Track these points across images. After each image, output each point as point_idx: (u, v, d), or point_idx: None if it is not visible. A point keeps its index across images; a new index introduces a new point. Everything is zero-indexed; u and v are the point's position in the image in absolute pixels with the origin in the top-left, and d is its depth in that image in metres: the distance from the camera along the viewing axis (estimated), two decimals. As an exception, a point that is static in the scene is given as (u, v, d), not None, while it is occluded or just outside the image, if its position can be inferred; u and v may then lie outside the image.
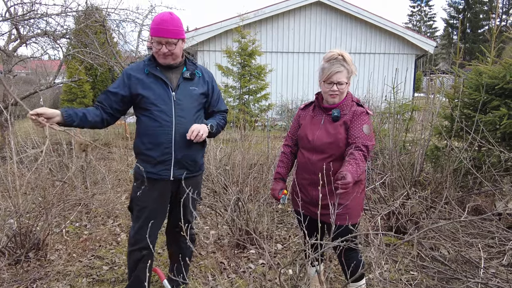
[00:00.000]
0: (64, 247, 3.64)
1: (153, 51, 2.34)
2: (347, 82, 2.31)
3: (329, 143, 2.29)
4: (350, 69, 2.32)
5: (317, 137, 2.34)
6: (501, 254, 3.29)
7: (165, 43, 2.26)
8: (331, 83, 2.30)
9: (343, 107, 2.34)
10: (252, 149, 5.66)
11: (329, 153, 2.30)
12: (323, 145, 2.31)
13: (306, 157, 2.39)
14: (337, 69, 2.27)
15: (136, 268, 2.52)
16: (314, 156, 2.34)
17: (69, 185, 4.31)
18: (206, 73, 2.57)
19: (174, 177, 2.42)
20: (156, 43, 2.27)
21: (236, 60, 9.65)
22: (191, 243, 2.61)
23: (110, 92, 2.37)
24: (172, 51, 2.30)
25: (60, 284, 3.04)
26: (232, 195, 3.57)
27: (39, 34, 7.51)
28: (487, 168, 3.63)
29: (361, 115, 2.29)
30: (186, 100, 2.40)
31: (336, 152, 2.29)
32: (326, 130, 2.33)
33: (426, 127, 4.40)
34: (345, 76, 2.29)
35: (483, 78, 3.99)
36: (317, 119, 2.41)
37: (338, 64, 2.28)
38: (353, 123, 2.28)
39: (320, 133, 2.34)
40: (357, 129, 2.25)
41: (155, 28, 2.24)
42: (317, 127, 2.38)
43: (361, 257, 2.33)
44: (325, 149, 2.31)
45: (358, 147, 2.19)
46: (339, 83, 2.28)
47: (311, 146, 2.36)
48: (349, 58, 2.32)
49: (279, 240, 3.80)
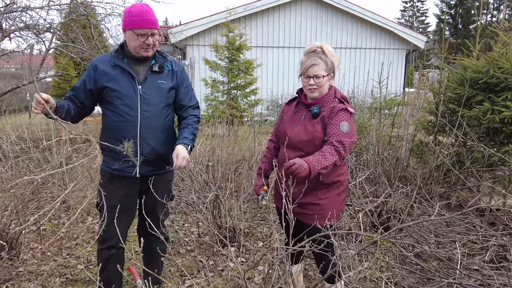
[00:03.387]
0: (39, 245, 3.55)
1: (134, 44, 2.22)
2: (326, 75, 2.20)
3: (306, 140, 2.21)
4: (330, 62, 2.21)
5: (295, 134, 2.26)
6: (484, 250, 3.25)
7: (151, 35, 2.19)
8: (307, 77, 2.21)
9: (324, 103, 2.24)
10: (237, 144, 5.58)
11: (306, 151, 2.20)
12: (299, 143, 2.24)
13: (284, 154, 2.30)
14: (313, 61, 2.18)
15: (106, 268, 2.44)
16: (291, 153, 2.25)
17: (46, 182, 4.21)
18: (176, 66, 2.47)
19: (140, 174, 2.33)
20: (140, 36, 2.18)
21: (224, 54, 9.53)
22: (164, 242, 2.54)
23: (78, 87, 2.27)
24: (155, 42, 2.24)
25: (31, 284, 2.95)
26: (212, 192, 3.49)
27: (21, 28, 7.34)
28: (470, 163, 3.59)
29: (340, 112, 2.16)
30: (153, 94, 2.29)
31: (312, 150, 2.17)
32: (305, 127, 2.25)
33: (410, 122, 4.35)
34: (323, 69, 2.18)
35: (467, 73, 3.94)
36: (298, 115, 2.34)
37: (315, 57, 2.19)
38: (330, 120, 2.17)
39: (298, 130, 2.27)
40: (334, 127, 2.14)
41: (138, 19, 2.15)
42: (296, 123, 2.31)
43: (331, 259, 2.23)
44: (302, 147, 2.23)
45: (331, 142, 2.09)
46: (315, 76, 2.18)
47: (289, 142, 2.28)
48: (329, 50, 2.22)
49: (261, 237, 3.74)
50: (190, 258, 3.35)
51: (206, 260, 3.29)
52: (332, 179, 2.25)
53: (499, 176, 3.69)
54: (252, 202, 4.55)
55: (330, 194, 2.26)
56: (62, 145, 5.01)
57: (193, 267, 3.21)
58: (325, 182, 2.24)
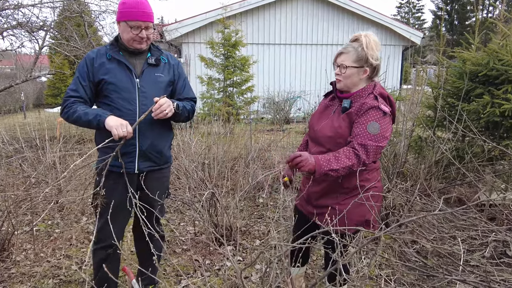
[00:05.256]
0: (32, 246, 3.48)
1: (127, 37, 2.16)
2: (356, 66, 1.99)
3: (329, 136, 2.03)
4: (363, 54, 1.98)
5: (321, 128, 2.10)
6: (484, 246, 3.20)
7: (145, 27, 2.13)
8: (336, 65, 2.05)
9: (356, 98, 2.01)
10: (233, 142, 5.51)
11: (327, 148, 2.03)
12: (323, 138, 2.06)
13: (309, 148, 2.19)
14: (343, 49, 2.02)
15: (102, 268, 2.37)
16: (314, 148, 2.11)
17: (39, 181, 4.13)
18: (172, 59, 2.41)
19: (139, 170, 2.27)
20: (134, 28, 2.12)
21: (219, 51, 9.43)
22: (160, 241, 2.47)
23: (84, 85, 2.19)
24: (149, 35, 2.17)
25: (24, 286, 2.88)
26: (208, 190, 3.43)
27: (14, 26, 7.24)
28: (470, 158, 3.54)
29: (370, 111, 1.92)
30: (151, 87, 2.24)
31: (333, 148, 1.99)
32: (332, 121, 2.06)
33: (408, 117, 4.30)
34: (351, 59, 1.98)
35: (466, 66, 3.89)
36: (330, 109, 2.16)
37: (348, 45, 2.03)
38: (358, 119, 1.95)
39: (325, 124, 2.09)
40: (360, 126, 1.92)
41: (133, 11, 2.09)
42: (326, 117, 2.13)
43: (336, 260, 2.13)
44: (324, 142, 2.06)
45: (352, 145, 1.90)
46: (341, 65, 2.00)
47: (314, 136, 2.14)
48: (367, 41, 2.00)
49: (258, 235, 3.68)
50: (186, 257, 3.28)
51: (202, 259, 3.23)
52: (354, 183, 1.98)
53: (499, 170, 3.64)
54: (248, 200, 4.49)
55: (351, 200, 1.94)
56: (55, 144, 4.93)
57: (189, 266, 3.14)
58: (345, 186, 2.05)
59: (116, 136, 2.01)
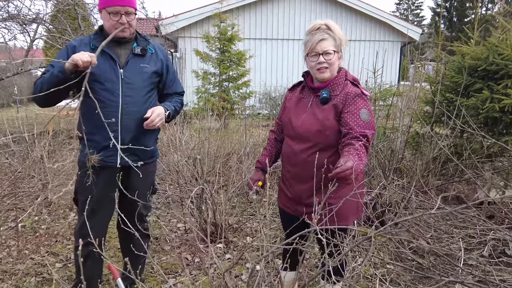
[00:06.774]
0: (16, 243, 3.36)
1: (108, 24, 2.06)
2: (336, 51, 1.92)
3: (316, 130, 1.91)
4: (338, 38, 1.92)
5: (302, 123, 1.97)
6: (482, 245, 3.11)
7: (124, 13, 2.02)
8: (316, 54, 1.91)
9: (334, 86, 1.94)
10: (227, 137, 5.41)
11: (314, 142, 1.92)
12: (307, 132, 1.94)
13: (289, 146, 2.04)
14: (321, 36, 1.90)
15: (84, 265, 2.26)
16: (297, 145, 1.98)
17: (25, 176, 4.01)
18: (160, 51, 2.31)
19: (121, 164, 2.16)
20: (113, 14, 2.01)
21: (215, 45, 9.29)
22: (140, 239, 2.36)
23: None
24: (130, 22, 2.07)
25: (5, 284, 2.77)
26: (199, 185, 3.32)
27: (6, 18, 7.09)
28: (468, 154, 3.44)
29: (356, 98, 1.87)
30: (135, 78, 2.13)
31: (321, 141, 1.90)
32: (313, 114, 1.95)
33: (406, 113, 4.20)
34: (332, 45, 1.90)
35: (465, 60, 3.78)
36: (304, 102, 2.04)
37: (321, 32, 1.92)
38: (347, 108, 1.87)
39: (305, 118, 1.97)
40: (353, 116, 1.84)
41: None
42: (303, 110, 2.01)
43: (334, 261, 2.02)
44: (310, 137, 1.93)
45: (357, 137, 1.77)
46: (325, 52, 1.89)
47: (295, 133, 2.00)
48: (335, 26, 1.94)
49: (250, 232, 3.58)
50: (175, 255, 3.18)
51: (191, 257, 3.13)
52: None
53: (498, 167, 3.54)
54: (241, 196, 4.39)
55: (343, 192, 1.82)
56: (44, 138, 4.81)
57: (178, 265, 3.04)
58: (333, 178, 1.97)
59: (79, 62, 1.85)
